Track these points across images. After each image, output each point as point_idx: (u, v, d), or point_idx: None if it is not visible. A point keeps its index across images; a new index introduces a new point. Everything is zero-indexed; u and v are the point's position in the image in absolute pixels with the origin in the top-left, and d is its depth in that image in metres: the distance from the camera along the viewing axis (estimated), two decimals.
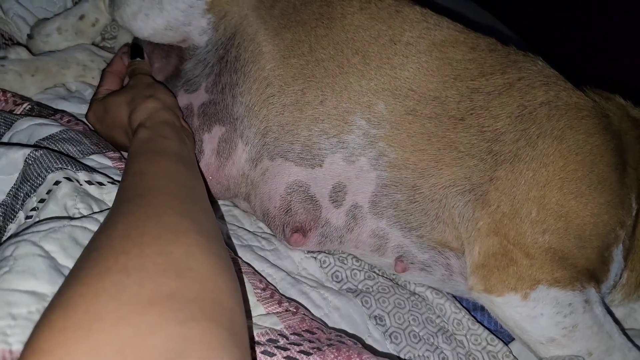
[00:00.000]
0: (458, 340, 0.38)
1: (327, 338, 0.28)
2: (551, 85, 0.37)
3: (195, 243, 0.20)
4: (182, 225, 0.21)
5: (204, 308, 0.18)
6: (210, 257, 0.20)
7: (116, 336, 0.15)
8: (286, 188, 0.38)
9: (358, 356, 0.26)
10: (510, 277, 0.33)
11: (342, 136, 0.37)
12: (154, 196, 0.23)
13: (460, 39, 0.39)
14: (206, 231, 0.22)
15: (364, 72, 0.38)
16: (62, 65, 0.49)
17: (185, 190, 0.25)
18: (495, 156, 0.35)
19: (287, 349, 0.25)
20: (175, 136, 0.32)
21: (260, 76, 0.39)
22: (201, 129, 0.40)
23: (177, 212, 0.22)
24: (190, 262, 0.19)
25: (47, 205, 0.28)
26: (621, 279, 0.37)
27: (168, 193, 0.24)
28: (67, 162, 0.31)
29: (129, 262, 0.18)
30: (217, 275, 0.20)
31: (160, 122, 0.33)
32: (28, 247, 0.24)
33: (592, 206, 0.33)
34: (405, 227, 0.37)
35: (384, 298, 0.38)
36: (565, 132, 0.35)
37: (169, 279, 0.18)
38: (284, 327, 0.28)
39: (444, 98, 0.37)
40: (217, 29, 0.42)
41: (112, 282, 0.17)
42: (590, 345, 0.31)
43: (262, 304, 0.30)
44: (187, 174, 0.28)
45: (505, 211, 0.34)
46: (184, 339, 0.16)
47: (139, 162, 0.27)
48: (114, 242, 0.20)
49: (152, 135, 0.31)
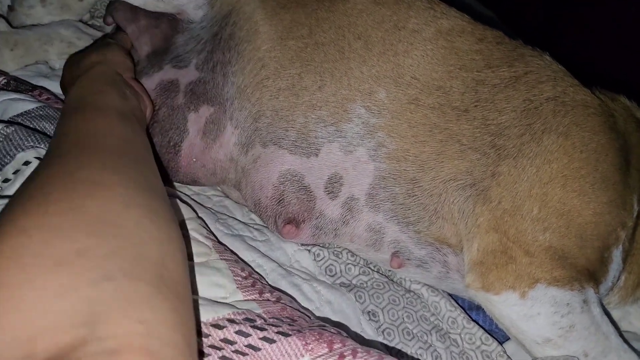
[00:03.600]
0: (452, 338, 0.37)
1: (309, 325, 0.26)
2: (558, 80, 0.36)
3: (117, 195, 0.19)
4: (104, 177, 0.19)
5: (121, 264, 0.16)
6: (133, 209, 0.18)
7: (19, 302, 0.14)
8: (279, 177, 0.36)
9: (341, 342, 0.24)
10: (509, 275, 0.32)
11: (340, 125, 0.36)
12: (75, 152, 0.21)
13: (468, 29, 0.37)
14: (134, 183, 0.20)
15: (365, 58, 0.36)
16: (44, 40, 0.46)
17: (114, 144, 0.23)
18: (498, 150, 0.34)
19: (264, 329, 0.24)
20: (112, 90, 0.30)
21: (254, 56, 0.37)
22: (187, 107, 0.38)
23: (100, 166, 0.20)
24: (107, 216, 0.18)
25: (12, 186, 0.26)
26: (619, 281, 0.36)
27: (93, 148, 0.22)
28: (39, 140, 0.29)
29: (30, 222, 0.16)
30: (141, 227, 0.18)
31: (96, 76, 0.31)
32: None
33: (595, 205, 0.33)
34: (402, 221, 0.36)
35: (378, 294, 0.37)
36: (571, 128, 0.34)
37: (79, 235, 0.16)
38: (262, 312, 0.26)
39: (448, 88, 0.35)
40: (212, 5, 0.40)
41: (11, 246, 0.16)
42: (586, 346, 0.31)
43: (241, 291, 0.28)
44: (122, 127, 0.26)
45: (506, 208, 0.33)
46: (97, 299, 0.15)
47: (68, 121, 0.25)
48: (15, 205, 0.18)
49: (86, 91, 0.29)
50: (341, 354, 0.23)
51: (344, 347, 0.24)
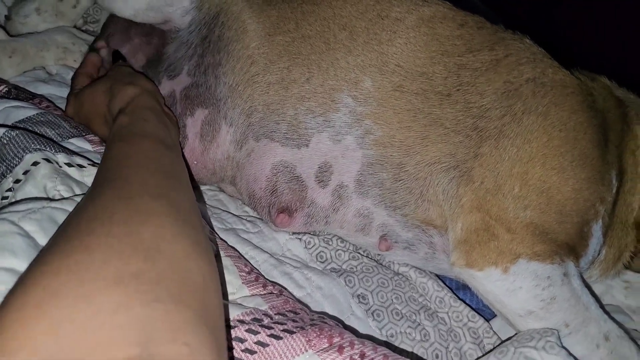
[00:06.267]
0: (440, 317, 0.38)
1: (310, 319, 0.28)
2: (538, 62, 0.37)
3: (167, 225, 0.20)
4: (155, 207, 0.21)
5: (170, 289, 0.17)
6: (181, 239, 0.20)
7: (77, 314, 0.15)
8: (272, 169, 0.38)
9: (339, 335, 0.26)
10: (491, 252, 0.33)
11: (328, 114, 0.37)
12: (128, 179, 0.23)
13: (449, 15, 0.38)
14: (182, 214, 0.22)
15: (350, 48, 0.37)
16: (40, 47, 0.48)
17: (163, 171, 0.25)
18: (480, 132, 0.35)
19: (271, 327, 0.26)
20: (156, 119, 0.31)
21: (244, 55, 0.39)
22: (184, 114, 0.40)
23: (151, 194, 0.22)
24: (160, 244, 0.19)
25: (24, 186, 0.28)
26: (599, 255, 0.38)
27: (144, 175, 0.24)
28: (45, 144, 0.31)
29: (95, 241, 0.18)
30: (187, 257, 0.20)
31: (140, 106, 0.32)
32: (6, 225, 0.24)
33: (574, 182, 0.34)
34: (389, 206, 0.37)
35: (368, 277, 0.39)
36: (550, 108, 0.35)
37: (136, 259, 0.18)
38: (268, 307, 0.28)
39: (431, 74, 0.37)
40: (200, 9, 0.41)
41: (75, 261, 0.17)
42: (567, 317, 0.32)
43: (247, 287, 0.30)
44: (167, 155, 0.27)
45: (488, 187, 0.34)
46: (148, 319, 0.16)
47: (117, 146, 0.27)
48: (81, 223, 0.19)
49: (132, 119, 0.30)
50: (340, 346, 0.25)
51: (342, 340, 0.26)
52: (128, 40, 0.43)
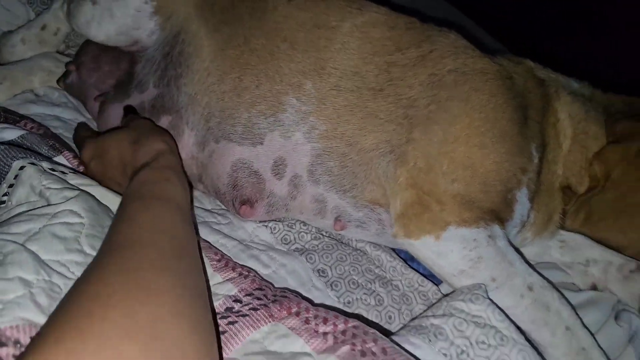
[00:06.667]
0: (394, 284, 0.43)
1: (272, 294, 0.33)
2: (459, 54, 0.41)
3: (168, 303, 0.20)
4: (158, 283, 0.21)
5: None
6: (180, 319, 0.20)
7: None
8: (232, 166, 0.43)
9: (297, 305, 0.31)
10: (425, 222, 0.38)
11: (277, 115, 0.42)
12: (136, 248, 0.23)
13: (381, 20, 0.43)
14: (186, 288, 0.22)
15: (292, 56, 0.42)
16: (27, 72, 0.53)
17: (173, 243, 0.25)
18: (410, 120, 0.40)
19: (240, 310, 0.30)
20: (178, 182, 0.31)
21: (201, 67, 0.44)
22: (150, 120, 0.45)
23: (156, 267, 0.22)
24: (157, 327, 0.19)
25: (16, 189, 0.32)
26: (529, 219, 0.42)
27: (154, 245, 0.24)
28: (29, 155, 0.36)
29: (89, 327, 0.18)
30: (184, 340, 0.19)
31: (164, 165, 0.32)
32: (13, 245, 0.27)
33: (494, 156, 0.38)
34: (339, 190, 0.42)
35: (327, 254, 0.43)
36: (471, 94, 0.40)
37: (130, 345, 0.18)
38: (237, 290, 0.32)
39: (364, 73, 0.41)
40: (164, 29, 0.47)
41: (66, 349, 0.17)
42: (493, 273, 0.37)
43: (218, 273, 0.34)
44: (181, 225, 0.27)
45: (420, 167, 0.39)
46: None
47: (133, 206, 0.27)
48: (82, 300, 0.20)
49: (155, 177, 0.30)
50: (297, 313, 0.31)
51: (299, 308, 0.31)
52: (98, 69, 0.49)
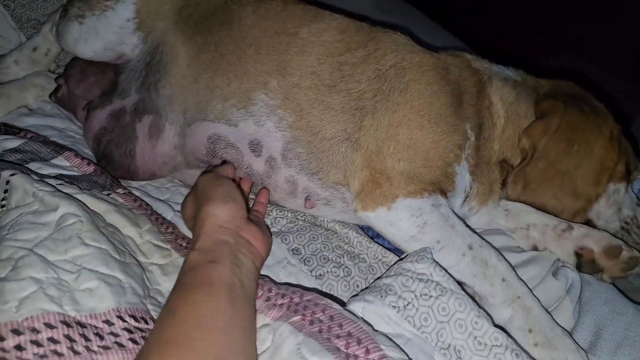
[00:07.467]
0: (361, 257, 0.49)
1: None
2: (400, 51, 0.48)
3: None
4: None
5: None
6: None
7: None
8: (207, 139, 0.48)
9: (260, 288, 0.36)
10: (378, 197, 0.44)
11: (248, 107, 0.48)
12: (181, 339, 0.24)
13: (333, 25, 0.50)
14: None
15: (257, 59, 0.49)
16: (22, 89, 0.59)
17: (217, 333, 0.26)
18: (361, 111, 0.46)
19: None
20: (228, 260, 0.31)
21: (178, 72, 0.50)
22: (133, 121, 0.51)
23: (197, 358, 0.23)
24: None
25: (12, 194, 0.37)
26: (472, 190, 0.49)
27: (199, 339, 0.25)
28: (17, 168, 0.40)
29: None
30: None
31: (215, 241, 0.33)
32: (23, 251, 0.32)
33: (432, 135, 0.45)
34: (308, 173, 0.48)
35: (301, 235, 0.49)
36: (410, 84, 0.46)
37: None
38: None
39: (319, 72, 0.48)
40: (146, 42, 0.53)
41: None
42: (437, 236, 0.43)
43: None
44: (227, 309, 0.28)
45: (372, 150, 0.45)
46: None
47: (178, 297, 0.28)
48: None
49: (203, 260, 0.31)
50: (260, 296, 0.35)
51: (262, 291, 0.35)
52: (84, 80, 0.55)
